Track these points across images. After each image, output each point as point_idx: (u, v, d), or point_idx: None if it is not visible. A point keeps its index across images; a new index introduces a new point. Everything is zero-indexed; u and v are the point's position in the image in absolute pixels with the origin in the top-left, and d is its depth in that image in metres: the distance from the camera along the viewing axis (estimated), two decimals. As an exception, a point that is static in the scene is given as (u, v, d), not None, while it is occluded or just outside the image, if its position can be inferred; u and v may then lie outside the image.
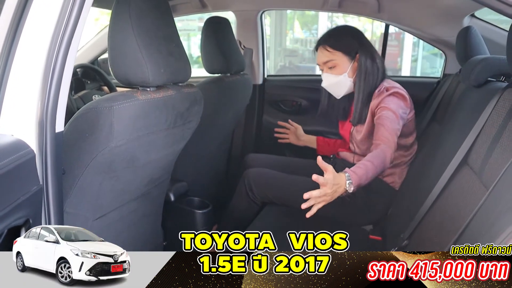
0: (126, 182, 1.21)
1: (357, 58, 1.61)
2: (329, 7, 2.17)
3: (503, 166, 0.88)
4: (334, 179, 1.28)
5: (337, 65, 1.62)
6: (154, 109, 1.12)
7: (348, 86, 1.65)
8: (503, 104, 1.08)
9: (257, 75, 2.44)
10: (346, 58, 1.62)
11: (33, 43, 0.86)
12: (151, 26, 1.12)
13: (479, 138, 1.13)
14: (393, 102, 1.54)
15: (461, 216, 0.96)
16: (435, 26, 1.98)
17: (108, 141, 1.04)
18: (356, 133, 1.71)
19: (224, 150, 2.19)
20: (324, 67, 1.66)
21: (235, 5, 2.36)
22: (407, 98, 1.58)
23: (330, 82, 1.65)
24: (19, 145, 0.80)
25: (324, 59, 1.64)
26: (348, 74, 1.63)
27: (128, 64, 1.09)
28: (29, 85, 0.86)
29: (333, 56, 1.62)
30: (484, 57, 1.41)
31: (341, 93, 1.68)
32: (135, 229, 1.39)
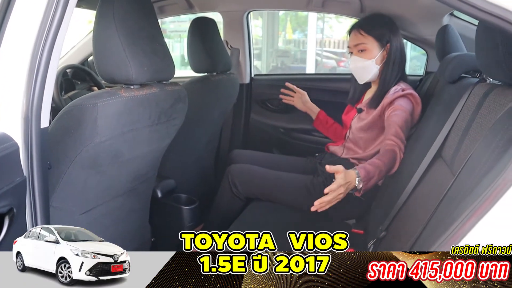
0: (112, 177, 1.24)
1: (388, 47, 1.66)
2: (313, 7, 2.22)
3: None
4: (345, 177, 1.35)
5: (367, 49, 1.66)
6: (137, 106, 1.15)
7: (373, 73, 1.68)
8: (473, 98, 1.13)
9: (244, 74, 2.48)
10: (377, 45, 1.66)
11: (19, 41, 0.89)
12: (134, 26, 1.16)
13: (452, 132, 1.18)
14: (407, 104, 1.59)
15: (432, 205, 1.00)
16: (416, 25, 2.03)
17: (92, 137, 1.07)
18: (357, 120, 1.74)
19: (211, 148, 2.22)
20: (354, 50, 1.70)
21: (222, 6, 2.39)
22: (420, 104, 1.63)
23: (358, 65, 1.69)
24: (3, 138, 0.83)
25: (356, 42, 1.68)
26: (376, 61, 1.67)
27: (112, 63, 1.12)
28: (15, 82, 0.89)
29: (365, 40, 1.66)
30: (458, 54, 1.46)
31: (365, 78, 1.71)
32: (122, 224, 1.42)
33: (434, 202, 1.03)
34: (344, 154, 1.79)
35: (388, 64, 1.66)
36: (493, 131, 0.84)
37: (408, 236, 1.06)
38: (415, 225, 1.09)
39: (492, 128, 0.86)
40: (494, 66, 0.96)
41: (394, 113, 1.56)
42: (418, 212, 1.11)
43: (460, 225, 0.70)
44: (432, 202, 1.05)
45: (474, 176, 0.83)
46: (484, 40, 0.99)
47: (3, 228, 0.81)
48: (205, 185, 2.16)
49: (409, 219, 1.17)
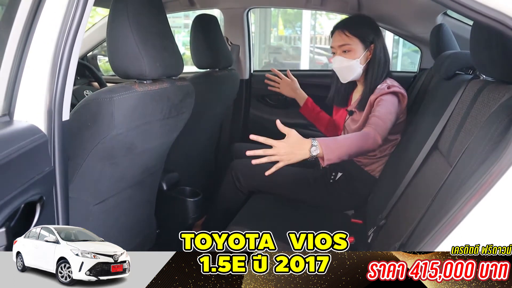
0: (124, 169, 1.29)
1: (372, 48, 1.69)
2: (312, 5, 2.28)
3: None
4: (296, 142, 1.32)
5: (352, 50, 1.68)
6: (151, 100, 1.20)
7: (357, 72, 1.71)
8: (468, 94, 1.20)
9: (243, 70, 2.53)
10: (361, 46, 1.68)
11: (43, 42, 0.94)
12: (147, 23, 1.20)
13: (447, 125, 1.25)
14: (392, 98, 1.61)
15: (430, 194, 1.06)
16: (411, 24, 2.10)
17: (109, 129, 1.12)
18: (351, 122, 1.77)
19: (212, 142, 2.28)
20: (338, 50, 1.71)
21: (222, 3, 2.44)
22: (406, 99, 1.66)
23: (341, 65, 1.71)
24: (33, 130, 0.88)
25: (340, 42, 1.69)
26: (360, 61, 1.69)
27: (126, 58, 1.17)
28: (39, 77, 0.93)
29: (350, 40, 1.68)
30: (453, 52, 1.53)
31: (348, 78, 1.73)
32: (131, 215, 1.47)
33: (432, 191, 1.10)
34: None
35: (374, 64, 1.69)
36: (488, 124, 0.91)
37: (407, 224, 1.12)
38: (414, 213, 1.15)
39: (487, 121, 0.93)
40: (488, 64, 1.03)
41: (377, 107, 1.59)
42: (417, 201, 1.18)
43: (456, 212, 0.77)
44: (430, 191, 1.12)
45: (470, 166, 0.89)
46: (478, 39, 1.05)
47: (35, 215, 0.86)
48: (206, 177, 2.22)
49: (408, 207, 1.24)
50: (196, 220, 1.80)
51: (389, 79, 1.71)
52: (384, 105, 1.59)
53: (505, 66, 0.96)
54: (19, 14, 0.92)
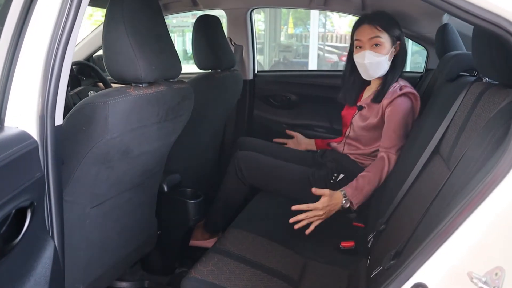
0: (121, 172, 1.29)
1: (398, 44, 1.68)
2: (315, 5, 2.25)
3: (465, 153, 0.96)
4: (331, 200, 1.48)
5: (382, 44, 1.66)
6: (146, 103, 1.20)
7: (383, 69, 1.68)
8: (470, 97, 1.17)
9: (247, 70, 2.52)
10: (390, 41, 1.67)
11: (34, 45, 0.93)
12: (143, 26, 1.20)
13: (449, 129, 1.22)
14: (406, 102, 1.61)
15: (428, 201, 1.04)
16: (417, 23, 2.06)
17: (103, 133, 1.11)
18: (359, 118, 1.77)
19: (215, 143, 2.27)
20: (367, 44, 1.67)
21: (226, 3, 2.43)
22: (418, 99, 1.65)
23: (372, 60, 1.66)
24: (24, 136, 0.88)
25: (371, 35, 1.65)
26: (388, 57, 1.67)
27: (121, 62, 1.16)
28: (31, 82, 0.93)
29: (382, 34, 1.65)
30: (456, 53, 1.50)
31: (375, 75, 1.70)
32: (131, 217, 1.47)
33: (431, 196, 1.08)
34: (345, 150, 1.83)
35: (396, 61, 1.68)
36: (485, 130, 0.88)
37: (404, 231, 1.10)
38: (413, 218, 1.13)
39: (485, 127, 0.90)
40: (489, 66, 1.00)
41: (392, 115, 1.60)
42: (416, 206, 1.16)
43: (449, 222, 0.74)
44: (429, 196, 1.09)
45: (468, 172, 0.87)
46: (479, 41, 1.02)
47: (26, 220, 0.86)
48: (209, 179, 2.21)
49: (407, 214, 1.21)
50: (197, 222, 1.79)
51: (401, 80, 1.70)
52: (396, 112, 1.60)
53: (505, 68, 0.93)
54: (10, 17, 0.91)
